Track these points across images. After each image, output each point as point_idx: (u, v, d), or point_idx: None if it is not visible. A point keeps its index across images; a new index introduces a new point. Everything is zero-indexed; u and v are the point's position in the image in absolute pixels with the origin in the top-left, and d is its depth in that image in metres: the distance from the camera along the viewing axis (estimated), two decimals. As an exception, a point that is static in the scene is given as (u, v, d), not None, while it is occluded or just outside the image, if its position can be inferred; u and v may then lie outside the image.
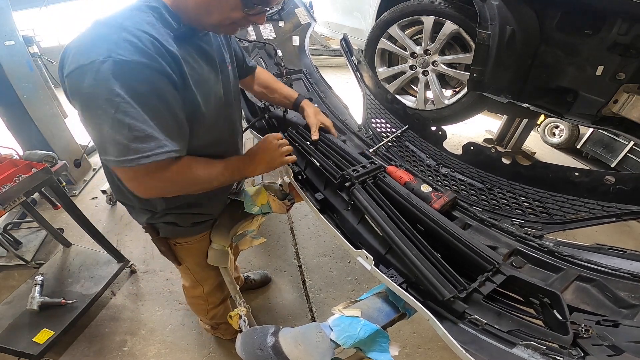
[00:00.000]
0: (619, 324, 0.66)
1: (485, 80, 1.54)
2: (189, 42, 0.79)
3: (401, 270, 0.82)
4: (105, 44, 0.62)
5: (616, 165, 3.33)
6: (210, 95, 0.84)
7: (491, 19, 1.42)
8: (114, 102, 0.63)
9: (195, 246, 1.13)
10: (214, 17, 0.74)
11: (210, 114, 0.85)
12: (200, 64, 0.81)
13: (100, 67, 0.60)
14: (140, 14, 0.70)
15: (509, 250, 0.99)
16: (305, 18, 2.02)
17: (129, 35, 0.64)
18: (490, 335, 0.64)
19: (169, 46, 0.69)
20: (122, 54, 0.61)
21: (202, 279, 1.27)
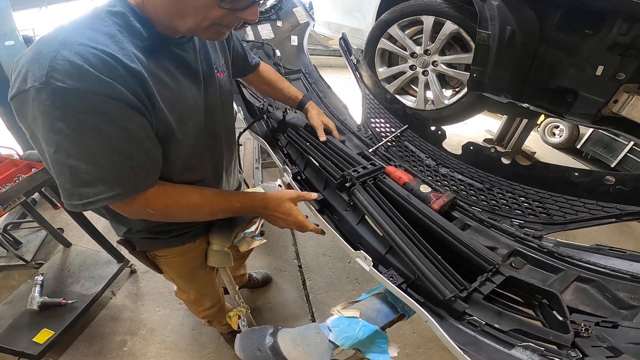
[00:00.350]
0: (618, 325, 0.66)
1: (485, 80, 1.54)
2: (163, 52, 0.68)
3: (401, 271, 0.82)
4: (43, 67, 0.51)
5: (616, 165, 3.33)
6: (188, 114, 0.74)
7: (491, 19, 1.42)
8: (53, 139, 0.54)
9: (176, 260, 1.05)
10: (188, 20, 0.61)
11: (188, 135, 0.74)
12: (176, 79, 0.70)
13: (38, 95, 0.51)
14: (96, 24, 0.58)
15: (509, 250, 0.99)
16: (304, 17, 2.02)
17: (72, 54, 0.52)
18: (489, 336, 0.64)
19: (129, 63, 0.58)
20: (62, 80, 0.51)
21: (186, 289, 1.25)
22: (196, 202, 0.76)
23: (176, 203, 0.73)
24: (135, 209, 0.69)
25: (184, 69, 0.72)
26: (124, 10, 0.61)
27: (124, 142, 0.60)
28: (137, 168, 0.63)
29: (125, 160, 0.61)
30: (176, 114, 0.69)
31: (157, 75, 0.64)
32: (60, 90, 0.51)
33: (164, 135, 0.68)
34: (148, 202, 0.68)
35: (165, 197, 0.71)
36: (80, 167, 0.57)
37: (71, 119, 0.54)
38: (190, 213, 0.77)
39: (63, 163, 0.57)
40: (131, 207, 0.67)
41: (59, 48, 0.52)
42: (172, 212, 0.74)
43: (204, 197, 0.78)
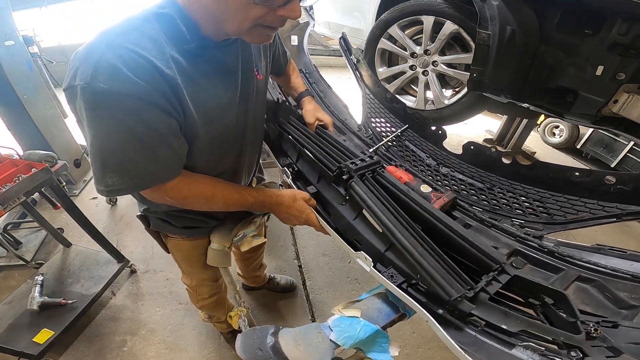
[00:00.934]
0: (618, 325, 0.66)
1: (485, 80, 1.54)
2: (205, 56, 0.72)
3: (402, 269, 0.80)
4: (90, 67, 0.57)
5: (616, 165, 3.33)
6: (218, 115, 0.78)
7: (491, 19, 1.42)
8: (91, 132, 0.62)
9: (185, 244, 1.12)
10: (230, 22, 0.64)
11: (213, 134, 0.79)
12: (213, 81, 0.74)
13: (83, 93, 0.58)
14: (142, 26, 0.63)
15: (509, 250, 0.99)
16: (304, 17, 2.02)
17: (115, 57, 0.57)
18: (489, 336, 0.64)
19: (165, 69, 0.62)
20: (103, 81, 0.57)
21: (189, 273, 1.28)
22: (211, 194, 0.81)
23: (193, 194, 0.79)
24: (155, 196, 0.76)
25: (223, 72, 0.77)
26: (172, 13, 0.65)
27: (151, 140, 0.65)
28: (160, 163, 0.70)
29: (150, 156, 0.67)
30: (205, 116, 0.74)
31: (194, 78, 0.69)
32: (101, 91, 0.57)
33: (189, 134, 0.74)
34: (167, 192, 0.75)
35: (183, 188, 0.77)
36: (109, 159, 0.64)
37: (108, 116, 0.60)
38: (205, 203, 0.83)
39: (96, 154, 0.64)
40: (152, 194, 0.75)
41: (105, 50, 0.58)
42: (189, 202, 0.80)
43: (220, 189, 0.83)
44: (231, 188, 0.86)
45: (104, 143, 0.63)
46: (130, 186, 0.69)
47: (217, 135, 0.80)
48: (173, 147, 0.70)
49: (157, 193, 0.75)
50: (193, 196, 0.79)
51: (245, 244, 1.16)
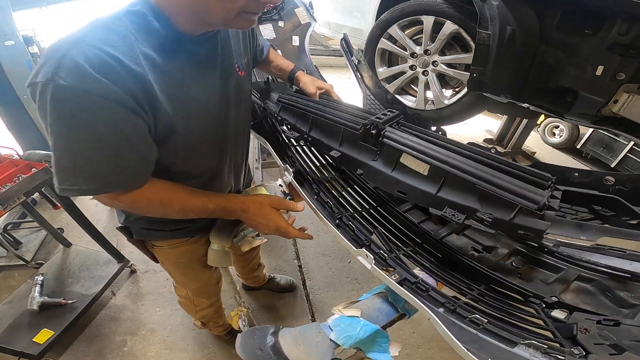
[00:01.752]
0: (619, 323, 0.66)
1: (485, 80, 1.54)
2: (180, 50, 0.69)
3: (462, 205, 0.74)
4: (53, 64, 0.55)
5: (616, 165, 3.33)
6: (196, 112, 0.74)
7: (491, 19, 1.42)
8: (50, 130, 0.59)
9: (172, 252, 1.07)
10: (215, 13, 0.63)
11: (192, 132, 0.75)
12: (190, 77, 0.71)
13: (44, 90, 0.55)
14: (111, 23, 0.61)
15: (509, 250, 0.99)
16: (305, 18, 2.02)
17: (78, 54, 0.55)
18: (491, 334, 0.64)
19: (132, 65, 0.60)
20: (64, 78, 0.54)
21: (182, 283, 1.25)
22: (167, 199, 0.76)
23: (145, 197, 0.73)
24: (103, 199, 0.72)
25: (201, 66, 0.73)
26: (143, 10, 0.63)
27: (114, 140, 0.62)
28: (124, 167, 0.66)
29: (112, 157, 0.64)
30: (183, 110, 0.70)
31: (169, 73, 0.66)
32: (61, 88, 0.55)
33: (165, 130, 0.69)
34: (115, 195, 0.70)
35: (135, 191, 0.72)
36: (66, 158, 0.62)
37: (67, 114, 0.57)
38: (160, 208, 0.77)
39: (54, 152, 0.61)
40: (102, 197, 0.70)
41: (71, 47, 0.56)
42: (141, 207, 0.75)
43: (177, 194, 0.77)
44: (190, 193, 0.80)
45: (63, 142, 0.60)
46: (87, 189, 0.65)
47: (196, 130, 0.76)
48: (138, 150, 0.66)
49: (104, 197, 0.70)
50: (145, 200, 0.73)
51: (245, 244, 1.16)
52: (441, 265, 0.91)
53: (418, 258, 0.90)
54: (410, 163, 0.83)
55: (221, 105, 0.81)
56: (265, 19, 1.93)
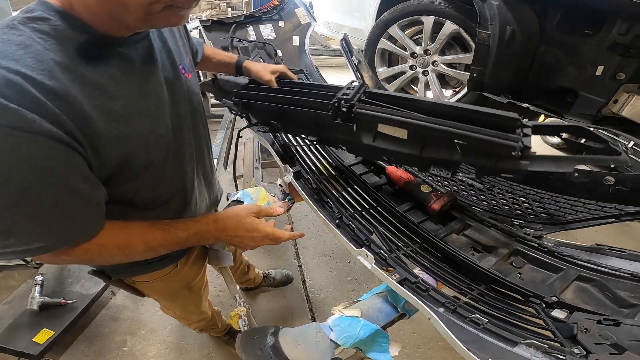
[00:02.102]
0: (620, 322, 0.66)
1: (485, 80, 1.54)
2: (108, 56, 0.54)
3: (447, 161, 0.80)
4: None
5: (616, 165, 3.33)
6: (148, 126, 0.60)
7: (491, 19, 1.42)
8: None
9: (157, 284, 0.94)
10: (133, 10, 0.47)
11: (150, 149, 0.62)
12: (127, 86, 0.56)
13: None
14: (5, 34, 0.45)
15: (509, 250, 1.00)
16: (305, 18, 2.02)
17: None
18: (492, 334, 0.64)
19: (47, 81, 0.45)
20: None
21: (171, 307, 1.20)
22: (123, 242, 0.62)
23: (97, 245, 0.58)
24: (44, 258, 0.56)
25: (138, 74, 0.59)
26: (45, 15, 0.48)
27: (43, 186, 0.47)
28: (68, 218, 0.53)
29: (46, 209, 0.49)
30: (130, 127, 0.56)
31: (99, 85, 0.52)
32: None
33: (116, 162, 0.56)
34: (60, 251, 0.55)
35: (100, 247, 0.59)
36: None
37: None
38: (119, 254, 0.62)
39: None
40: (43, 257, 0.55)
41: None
42: (93, 256, 0.60)
43: (133, 232, 0.64)
44: (150, 226, 0.66)
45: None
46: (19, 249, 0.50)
47: (152, 147, 0.62)
48: (80, 193, 0.52)
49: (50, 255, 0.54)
50: (97, 248, 0.58)
51: (245, 243, 1.16)
52: (441, 265, 0.91)
53: (418, 258, 0.90)
54: (388, 131, 0.85)
55: (173, 113, 0.67)
56: (265, 19, 1.93)
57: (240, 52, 1.72)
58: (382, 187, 1.26)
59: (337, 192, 1.16)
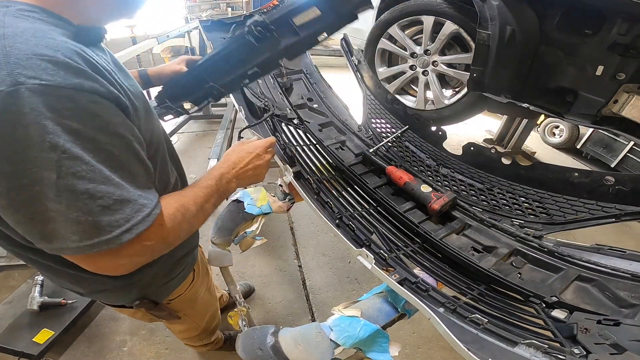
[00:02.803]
0: (620, 322, 0.66)
1: (485, 80, 1.54)
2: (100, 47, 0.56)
3: None
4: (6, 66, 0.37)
5: (616, 165, 3.33)
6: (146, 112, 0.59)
7: (491, 19, 1.42)
8: (49, 159, 0.39)
9: (188, 295, 0.92)
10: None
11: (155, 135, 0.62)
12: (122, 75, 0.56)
13: (6, 102, 0.37)
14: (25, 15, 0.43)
15: (509, 250, 1.00)
16: (305, 18, 2.02)
17: (41, 45, 0.40)
18: (492, 334, 0.64)
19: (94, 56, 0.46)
20: (40, 76, 0.38)
21: (198, 318, 1.13)
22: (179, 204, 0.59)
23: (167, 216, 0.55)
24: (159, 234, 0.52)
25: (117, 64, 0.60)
26: (29, 8, 0.45)
27: (124, 149, 0.48)
28: (144, 178, 0.51)
29: (133, 171, 0.49)
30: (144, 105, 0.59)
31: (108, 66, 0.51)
32: (46, 90, 0.38)
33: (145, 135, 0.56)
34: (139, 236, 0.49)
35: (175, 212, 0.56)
36: (98, 189, 0.43)
37: (66, 127, 0.40)
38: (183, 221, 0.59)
39: (75, 189, 0.42)
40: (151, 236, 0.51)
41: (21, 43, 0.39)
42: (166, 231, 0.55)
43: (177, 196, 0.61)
44: (185, 191, 0.65)
45: (78, 167, 0.42)
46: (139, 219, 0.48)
47: (158, 132, 0.64)
48: (145, 164, 0.52)
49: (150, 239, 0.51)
50: (169, 219, 0.54)
51: (246, 243, 1.16)
52: (441, 265, 0.91)
53: (418, 258, 0.90)
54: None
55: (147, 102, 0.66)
56: (265, 19, 1.93)
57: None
58: (382, 187, 1.26)
59: (337, 192, 1.16)
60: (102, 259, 0.48)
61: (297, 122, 1.42)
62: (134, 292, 0.75)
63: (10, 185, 0.40)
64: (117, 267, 0.51)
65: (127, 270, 0.52)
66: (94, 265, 0.49)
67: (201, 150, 3.31)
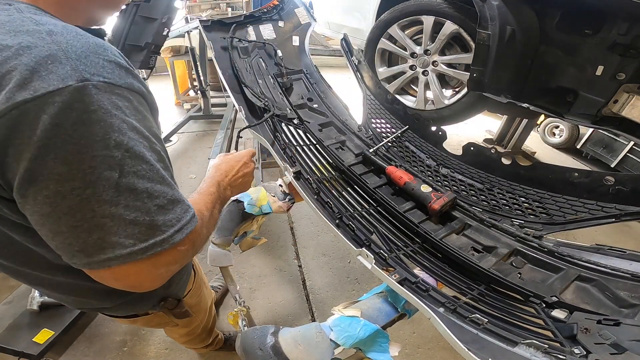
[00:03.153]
0: (620, 322, 0.66)
1: (485, 80, 1.54)
2: None
3: None
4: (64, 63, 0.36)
5: (616, 165, 3.33)
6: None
7: (491, 19, 1.42)
8: (113, 158, 0.38)
9: (195, 291, 0.96)
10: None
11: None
12: None
13: (73, 98, 0.35)
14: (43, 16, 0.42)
15: (509, 250, 1.00)
16: (305, 18, 2.02)
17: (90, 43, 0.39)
18: (492, 334, 0.64)
19: None
20: (101, 74, 0.38)
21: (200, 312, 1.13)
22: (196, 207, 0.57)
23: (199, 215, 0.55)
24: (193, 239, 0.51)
25: None
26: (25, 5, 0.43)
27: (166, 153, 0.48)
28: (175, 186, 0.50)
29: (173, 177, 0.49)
30: None
31: None
32: (103, 87, 0.38)
33: None
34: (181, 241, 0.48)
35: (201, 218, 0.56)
36: (155, 189, 0.43)
37: (128, 124, 0.40)
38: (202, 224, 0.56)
39: (136, 189, 0.41)
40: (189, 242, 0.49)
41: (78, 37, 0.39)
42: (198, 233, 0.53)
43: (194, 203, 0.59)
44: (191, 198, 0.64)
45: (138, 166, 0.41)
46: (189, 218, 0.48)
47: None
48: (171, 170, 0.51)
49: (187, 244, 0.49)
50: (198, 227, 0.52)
51: (246, 244, 1.16)
52: (441, 265, 0.91)
53: (418, 258, 0.90)
54: None
55: None
56: (265, 19, 1.93)
57: (240, 52, 1.72)
58: (382, 187, 1.26)
59: (337, 192, 1.16)
60: (143, 270, 0.45)
61: (297, 122, 1.42)
62: (160, 292, 0.76)
63: (59, 188, 0.37)
64: (155, 279, 0.47)
65: (163, 280, 0.49)
66: (133, 279, 0.45)
67: (201, 150, 3.31)
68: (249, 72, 1.65)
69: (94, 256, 0.41)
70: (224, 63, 1.62)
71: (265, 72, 1.73)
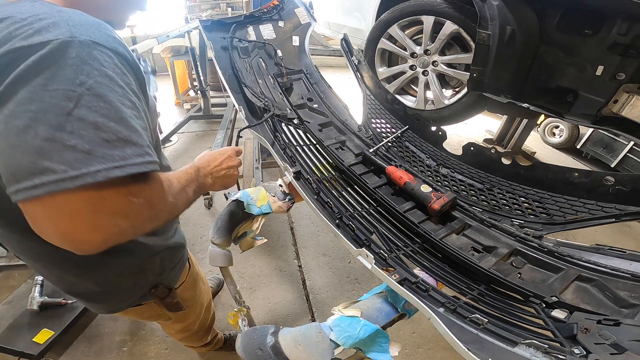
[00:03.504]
0: (620, 322, 0.66)
1: (485, 80, 1.54)
2: None
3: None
4: (61, 26, 0.44)
5: (616, 165, 3.33)
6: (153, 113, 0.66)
7: (491, 19, 1.42)
8: (73, 92, 0.42)
9: (189, 284, 0.99)
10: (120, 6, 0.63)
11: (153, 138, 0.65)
12: None
13: (58, 47, 0.42)
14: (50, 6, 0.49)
15: (509, 250, 0.99)
16: (305, 18, 2.02)
17: (91, 20, 0.49)
18: (492, 334, 0.64)
19: None
20: (90, 35, 0.46)
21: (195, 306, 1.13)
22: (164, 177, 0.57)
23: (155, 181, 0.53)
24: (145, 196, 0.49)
25: None
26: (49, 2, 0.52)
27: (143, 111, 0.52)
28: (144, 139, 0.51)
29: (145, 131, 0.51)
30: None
31: None
32: (87, 43, 0.45)
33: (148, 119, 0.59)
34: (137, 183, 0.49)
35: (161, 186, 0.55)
36: (106, 124, 0.44)
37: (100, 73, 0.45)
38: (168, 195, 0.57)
39: (84, 119, 0.42)
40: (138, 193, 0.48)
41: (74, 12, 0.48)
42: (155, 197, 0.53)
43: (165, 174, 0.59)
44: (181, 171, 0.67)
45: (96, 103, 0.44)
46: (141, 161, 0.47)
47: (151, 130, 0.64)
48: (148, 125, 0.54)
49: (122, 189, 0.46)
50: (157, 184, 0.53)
51: (246, 244, 1.16)
52: (441, 265, 0.91)
53: (418, 258, 0.90)
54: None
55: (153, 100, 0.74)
56: (265, 19, 1.93)
57: (240, 52, 1.72)
58: (382, 187, 1.26)
59: (337, 192, 1.16)
60: (78, 210, 0.42)
61: (297, 122, 1.42)
62: (149, 277, 0.80)
63: (16, 109, 0.41)
64: (94, 228, 0.44)
65: (106, 236, 0.45)
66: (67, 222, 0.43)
67: (201, 150, 3.28)
68: (249, 72, 1.65)
69: (22, 181, 0.40)
70: (224, 63, 1.62)
71: (265, 72, 1.73)
